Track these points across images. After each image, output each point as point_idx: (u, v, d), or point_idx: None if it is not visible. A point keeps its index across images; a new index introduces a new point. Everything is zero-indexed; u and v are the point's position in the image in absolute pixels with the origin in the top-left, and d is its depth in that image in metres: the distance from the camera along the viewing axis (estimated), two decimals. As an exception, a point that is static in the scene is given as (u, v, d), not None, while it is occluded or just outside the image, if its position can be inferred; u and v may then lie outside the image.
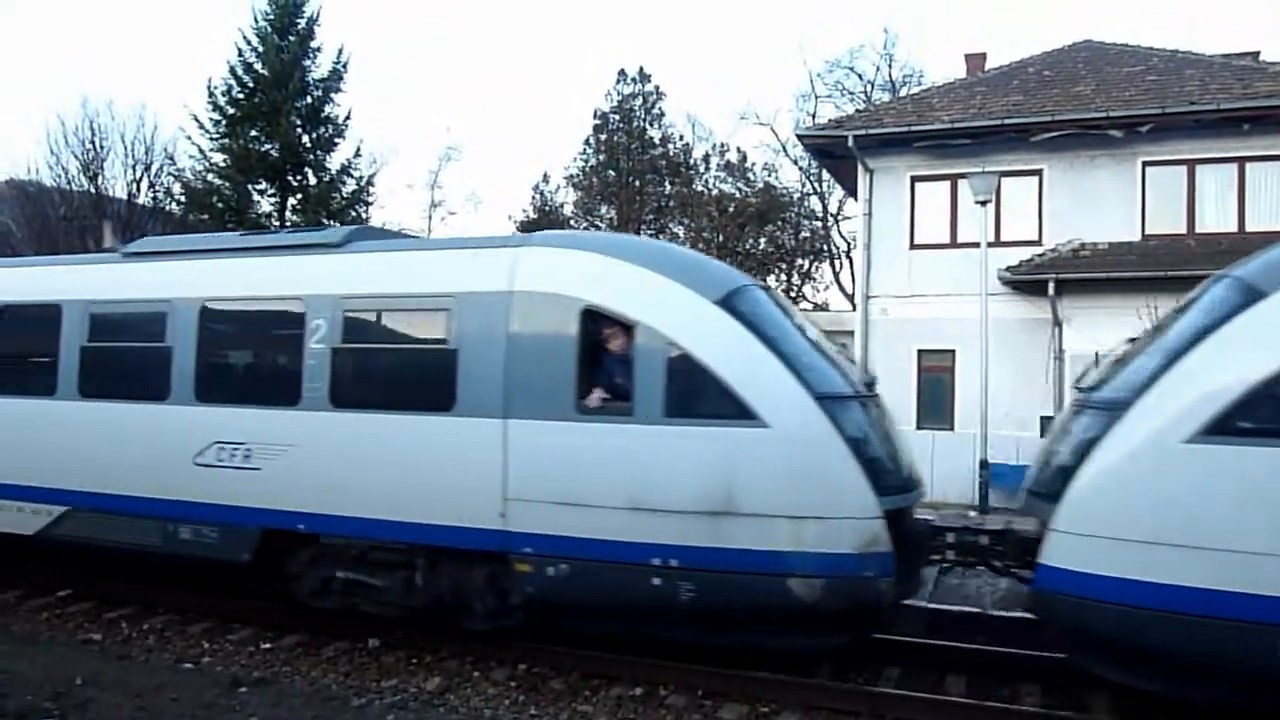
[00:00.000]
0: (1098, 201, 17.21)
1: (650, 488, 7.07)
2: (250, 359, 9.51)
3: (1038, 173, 17.67)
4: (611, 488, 7.18)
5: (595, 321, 7.49)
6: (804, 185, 42.07)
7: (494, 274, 7.91)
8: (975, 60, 24.04)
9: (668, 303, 7.41)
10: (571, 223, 42.03)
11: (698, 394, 7.10)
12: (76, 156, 34.32)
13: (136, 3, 64.96)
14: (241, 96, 27.99)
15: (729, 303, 7.37)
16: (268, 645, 8.86)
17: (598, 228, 40.99)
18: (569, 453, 7.37)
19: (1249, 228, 16.32)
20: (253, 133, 27.90)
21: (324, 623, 9.13)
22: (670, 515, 7.01)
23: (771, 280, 39.36)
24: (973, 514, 14.45)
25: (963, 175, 17.03)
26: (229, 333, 9.35)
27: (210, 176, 28.38)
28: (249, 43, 28.09)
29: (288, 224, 27.69)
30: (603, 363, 7.51)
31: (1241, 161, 16.49)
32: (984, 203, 15.46)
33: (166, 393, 9.09)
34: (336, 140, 29.00)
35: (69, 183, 34.26)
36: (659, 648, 7.93)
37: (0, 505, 10.05)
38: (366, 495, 8.13)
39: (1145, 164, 16.97)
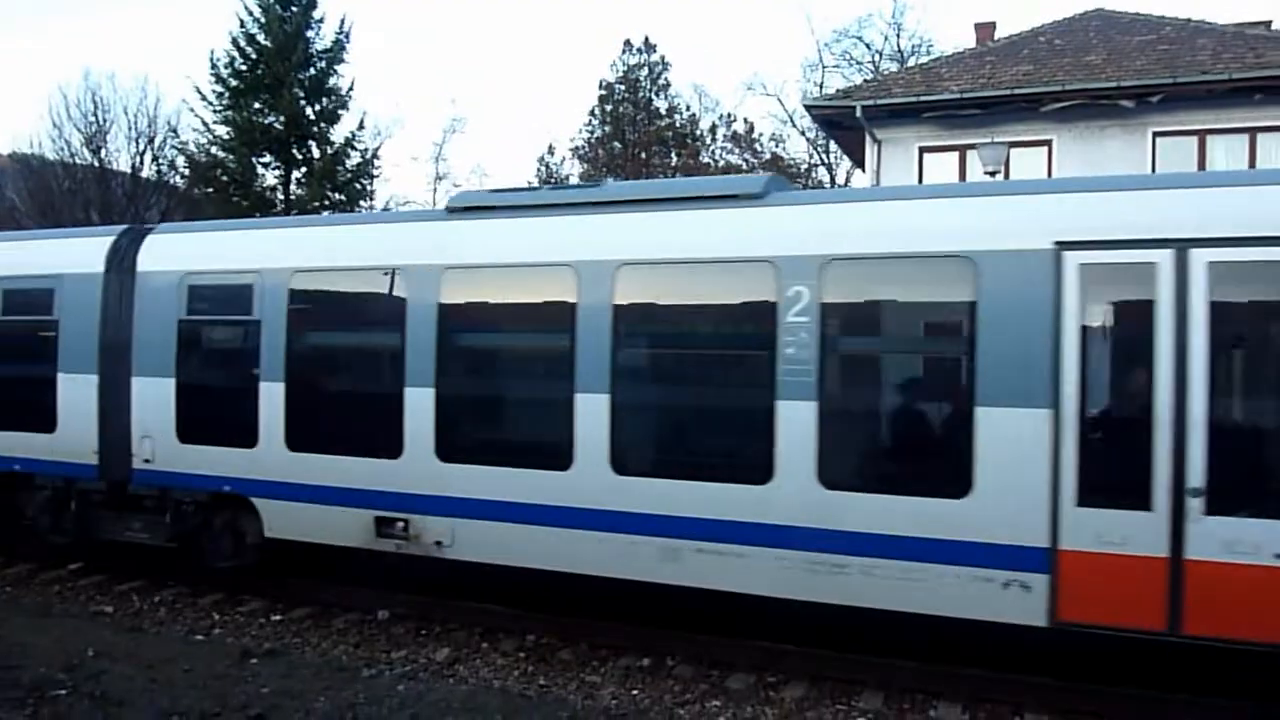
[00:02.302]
0: (1108, 172, 17.02)
1: None
2: None
3: (1047, 143, 17.47)
4: None
5: None
6: (812, 156, 41.76)
7: None
8: (985, 29, 23.73)
9: None
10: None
11: None
12: (79, 130, 34.20)
13: (137, -26, 64.49)
14: (244, 68, 27.78)
15: None
16: (278, 617, 8.94)
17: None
18: None
19: (1261, 199, 16.11)
20: (256, 105, 27.73)
21: (333, 595, 9.20)
22: None
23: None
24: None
25: (972, 146, 16.86)
26: None
27: (214, 149, 28.26)
28: (251, 13, 27.86)
29: (292, 197, 27.60)
30: None
31: (1253, 132, 16.28)
32: (994, 173, 15.33)
33: None
34: (340, 112, 28.82)
35: (72, 156, 34.18)
36: (666, 618, 7.97)
37: None
38: None
39: (1156, 134, 16.77)
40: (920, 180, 18.05)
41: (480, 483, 7.86)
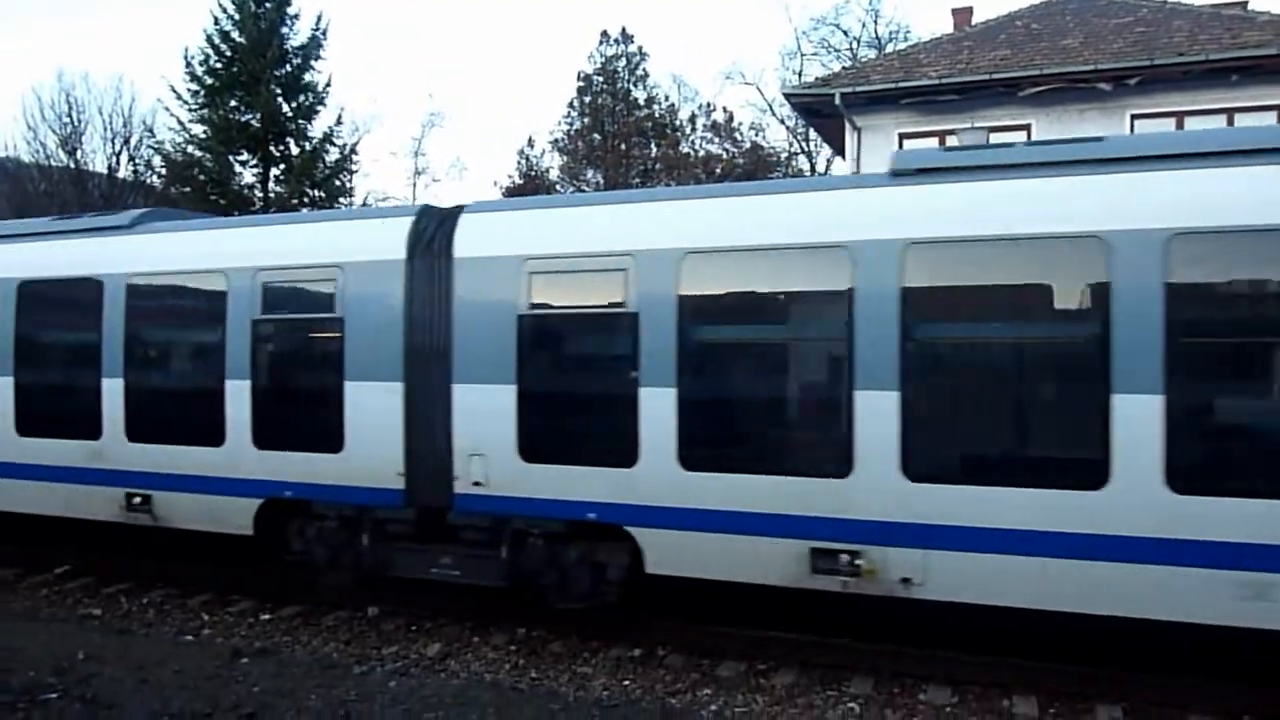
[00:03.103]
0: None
1: None
2: None
3: (1026, 128, 17.55)
4: None
5: None
6: (791, 145, 41.87)
7: None
8: (962, 15, 23.80)
9: None
10: (558, 187, 41.74)
11: None
12: (54, 131, 33.96)
13: (109, -29, 63.71)
14: (220, 66, 27.53)
15: None
16: (267, 616, 8.92)
17: (584, 192, 40.74)
18: None
19: (1238, 179, 16.23)
20: (232, 103, 27.50)
21: (323, 592, 9.17)
22: None
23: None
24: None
25: (951, 131, 16.93)
26: None
27: (190, 148, 28.00)
28: (225, 10, 27.60)
29: (270, 195, 27.44)
30: None
31: (1230, 113, 16.39)
32: (973, 159, 15.42)
33: None
34: (318, 108, 28.59)
35: (47, 158, 33.88)
36: (656, 608, 8.00)
37: None
38: None
39: (1134, 116, 16.87)
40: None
41: (968, 507, 6.43)
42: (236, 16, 27.58)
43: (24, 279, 9.89)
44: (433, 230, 8.20)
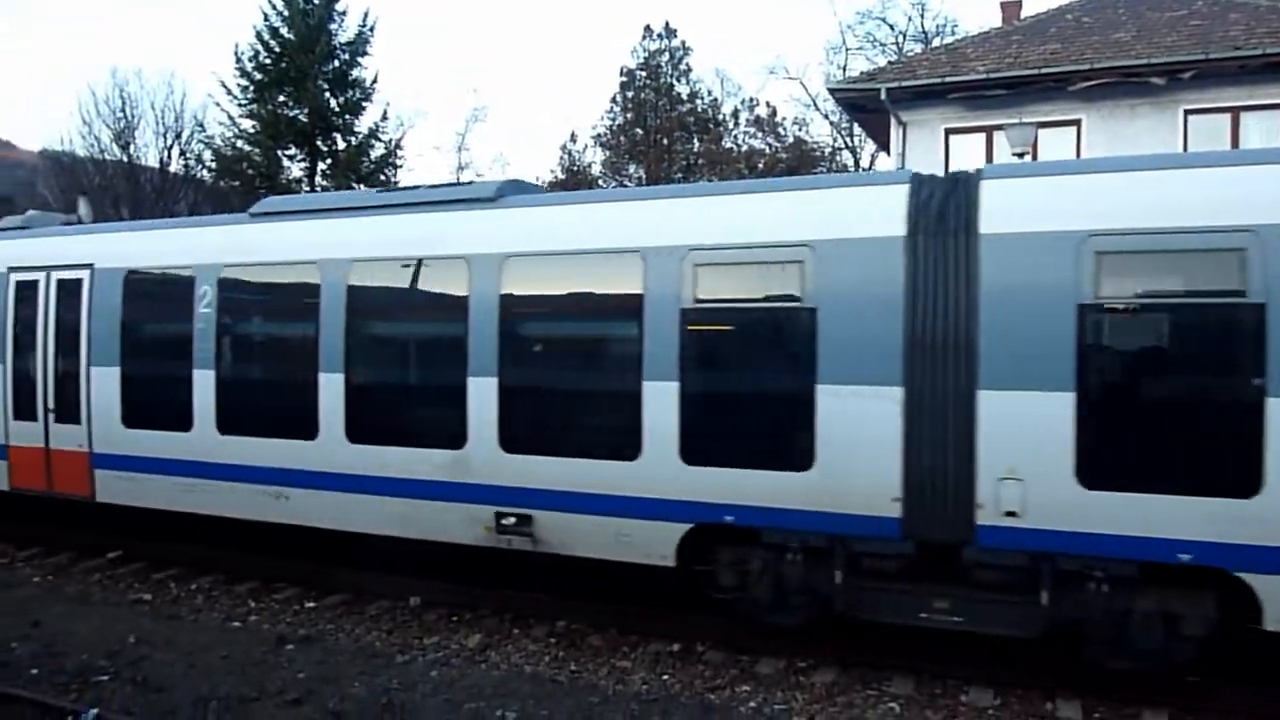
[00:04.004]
0: (1138, 152, 16.78)
1: None
2: None
3: (1076, 123, 17.26)
4: None
5: None
6: (835, 140, 41.55)
7: None
8: (1011, 8, 23.43)
9: None
10: (599, 183, 41.80)
11: None
12: (108, 126, 34.81)
13: (162, -31, 64.94)
14: (269, 62, 28.03)
15: None
16: (312, 604, 9.06)
17: (626, 186, 40.78)
18: None
19: (1296, 176, 15.80)
20: (281, 98, 27.99)
21: (366, 582, 9.30)
22: None
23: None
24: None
25: (999, 127, 16.67)
26: None
27: (240, 143, 28.55)
28: (275, 7, 28.06)
29: (317, 189, 27.89)
30: None
31: (1288, 108, 16.01)
32: (1021, 155, 15.16)
33: None
34: (364, 104, 29.04)
35: (102, 152, 34.71)
36: (696, 605, 8.01)
37: None
38: None
39: (1187, 112, 16.50)
40: (947, 161, 17.81)
41: None
42: (286, 13, 28.04)
43: (357, 260, 8.46)
44: (940, 200, 6.75)
